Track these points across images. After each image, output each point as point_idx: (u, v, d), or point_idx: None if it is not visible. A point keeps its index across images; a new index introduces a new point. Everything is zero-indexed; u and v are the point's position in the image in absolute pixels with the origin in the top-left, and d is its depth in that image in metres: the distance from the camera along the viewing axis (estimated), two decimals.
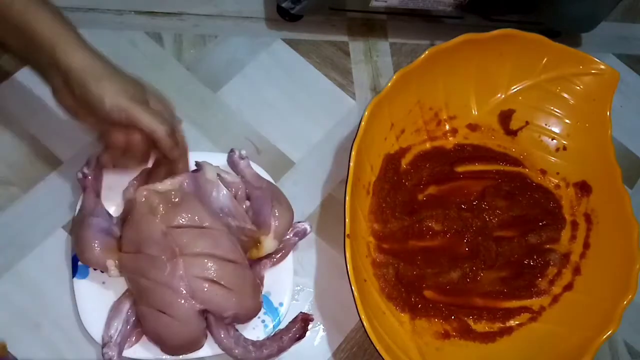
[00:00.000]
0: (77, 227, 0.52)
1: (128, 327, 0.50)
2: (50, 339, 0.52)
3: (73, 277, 0.52)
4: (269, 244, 0.53)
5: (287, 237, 0.55)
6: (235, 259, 0.50)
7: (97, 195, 0.54)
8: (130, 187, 0.54)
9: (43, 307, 0.53)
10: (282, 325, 0.54)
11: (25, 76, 0.61)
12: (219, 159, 0.57)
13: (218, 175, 0.54)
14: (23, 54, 0.49)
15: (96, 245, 0.50)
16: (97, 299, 0.52)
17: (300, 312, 0.55)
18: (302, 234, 0.56)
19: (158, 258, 0.48)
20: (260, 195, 0.55)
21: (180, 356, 0.51)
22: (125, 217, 0.52)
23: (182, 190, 0.52)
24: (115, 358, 0.48)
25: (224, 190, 0.53)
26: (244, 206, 0.54)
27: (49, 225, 0.56)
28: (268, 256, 0.54)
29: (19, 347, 0.51)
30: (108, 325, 0.50)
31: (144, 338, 0.51)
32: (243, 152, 0.57)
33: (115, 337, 0.49)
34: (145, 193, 0.50)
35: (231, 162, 0.58)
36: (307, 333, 0.54)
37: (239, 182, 0.55)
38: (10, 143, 0.59)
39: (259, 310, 0.52)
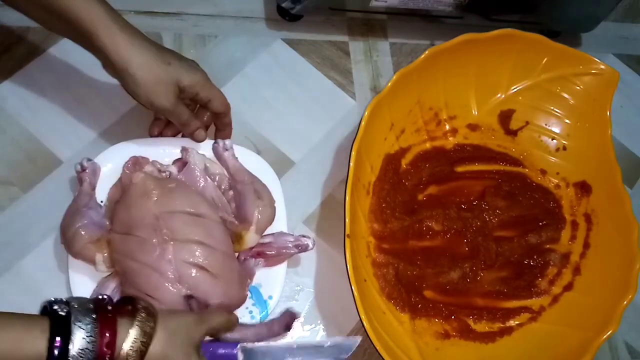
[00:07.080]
0: (67, 219, 0.51)
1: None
2: None
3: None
4: (250, 238, 0.53)
5: (288, 245, 0.54)
6: (225, 250, 0.50)
7: (93, 188, 0.54)
8: (127, 168, 0.54)
9: None
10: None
11: (25, 76, 0.61)
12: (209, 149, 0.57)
13: (204, 164, 0.54)
14: (74, 40, 0.52)
15: (85, 238, 0.49)
16: (90, 276, 0.51)
17: (287, 309, 0.53)
18: (302, 248, 0.55)
19: (148, 241, 0.48)
20: (242, 190, 0.54)
21: None
22: (118, 198, 0.52)
23: (178, 177, 0.52)
24: None
25: (209, 180, 0.53)
26: (230, 195, 0.55)
27: (49, 226, 0.56)
28: (264, 255, 0.54)
29: None
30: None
31: None
32: (227, 143, 0.56)
33: None
34: (142, 176, 0.50)
35: (216, 153, 0.57)
36: (291, 330, 0.52)
37: (224, 173, 0.55)
38: (10, 143, 0.59)
39: (244, 301, 0.52)
